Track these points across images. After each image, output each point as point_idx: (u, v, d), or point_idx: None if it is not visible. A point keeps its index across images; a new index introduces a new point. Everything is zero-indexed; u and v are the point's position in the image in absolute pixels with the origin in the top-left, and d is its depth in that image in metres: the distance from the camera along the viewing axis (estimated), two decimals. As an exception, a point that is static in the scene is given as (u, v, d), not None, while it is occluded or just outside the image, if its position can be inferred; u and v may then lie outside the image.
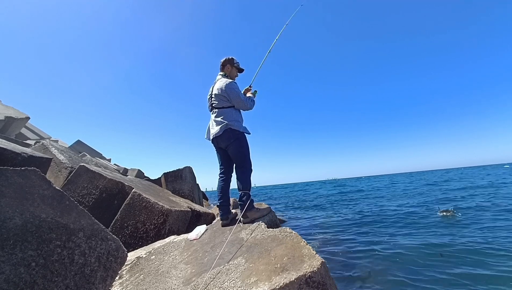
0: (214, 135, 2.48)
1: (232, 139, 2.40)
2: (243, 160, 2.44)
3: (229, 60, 2.63)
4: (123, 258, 1.65)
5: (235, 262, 1.57)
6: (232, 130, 2.40)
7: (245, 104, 2.47)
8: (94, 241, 1.49)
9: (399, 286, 2.87)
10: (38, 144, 4.30)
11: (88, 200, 3.09)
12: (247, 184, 2.41)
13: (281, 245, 1.59)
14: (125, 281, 1.84)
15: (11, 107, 8.10)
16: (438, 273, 3.09)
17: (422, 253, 3.85)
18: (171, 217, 2.82)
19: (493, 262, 3.27)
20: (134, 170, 9.34)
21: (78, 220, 1.46)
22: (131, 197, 2.86)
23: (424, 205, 8.70)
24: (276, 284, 1.20)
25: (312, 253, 1.42)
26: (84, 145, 10.92)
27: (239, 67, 2.70)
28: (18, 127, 7.88)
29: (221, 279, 1.42)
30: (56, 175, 3.73)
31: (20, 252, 1.16)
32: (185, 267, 1.77)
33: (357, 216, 7.83)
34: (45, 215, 1.32)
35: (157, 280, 1.69)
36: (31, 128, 9.55)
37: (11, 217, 1.18)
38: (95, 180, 3.18)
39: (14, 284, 1.10)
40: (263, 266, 1.42)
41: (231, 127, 2.40)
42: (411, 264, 3.46)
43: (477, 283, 2.76)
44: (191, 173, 5.41)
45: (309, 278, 1.22)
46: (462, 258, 3.48)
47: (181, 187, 4.93)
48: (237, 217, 2.48)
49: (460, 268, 3.19)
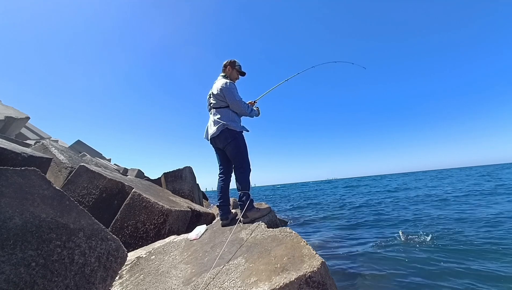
0: (211, 135, 2.50)
1: (230, 139, 2.40)
2: (241, 161, 2.43)
3: (230, 62, 2.65)
4: (123, 258, 1.65)
5: (235, 262, 1.57)
6: (229, 130, 2.41)
7: (239, 105, 2.46)
8: (94, 241, 1.49)
9: (400, 286, 2.87)
10: (38, 144, 4.30)
11: (88, 200, 3.09)
12: (246, 184, 2.41)
13: (281, 245, 1.59)
14: (125, 281, 1.84)
15: (11, 107, 8.10)
16: (443, 276, 3.08)
17: (426, 253, 3.85)
18: (171, 217, 2.82)
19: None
20: (134, 170, 9.34)
21: (78, 220, 1.46)
22: (131, 197, 2.86)
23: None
24: (276, 284, 1.20)
25: (312, 253, 1.41)
26: (84, 145, 10.92)
27: (240, 70, 2.71)
28: (18, 127, 7.88)
29: (221, 279, 1.42)
30: (56, 175, 3.73)
31: (20, 252, 1.16)
32: (185, 267, 1.77)
33: (359, 216, 7.83)
34: (45, 215, 1.31)
35: (157, 280, 1.69)
36: (31, 128, 9.55)
37: (11, 217, 1.18)
38: (95, 180, 3.18)
39: (14, 284, 1.10)
40: (263, 266, 1.41)
41: (228, 127, 2.40)
42: (413, 264, 3.46)
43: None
44: (191, 173, 5.41)
45: (309, 278, 1.22)
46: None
47: (181, 187, 4.94)
48: (237, 217, 2.48)
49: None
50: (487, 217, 5.74)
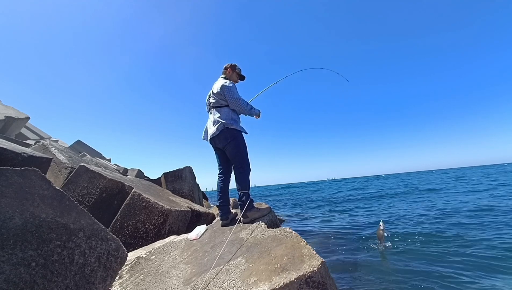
0: (211, 135, 2.50)
1: (229, 139, 2.41)
2: (241, 160, 2.43)
3: (231, 65, 2.71)
4: (123, 258, 1.65)
5: (235, 262, 1.57)
6: (229, 129, 2.41)
7: (238, 102, 2.46)
8: (94, 241, 1.49)
9: (400, 286, 2.87)
10: (38, 144, 4.30)
11: (88, 200, 3.09)
12: (246, 184, 2.41)
13: (281, 245, 1.59)
14: (125, 281, 1.84)
15: (11, 107, 8.10)
16: (442, 273, 3.09)
17: (428, 253, 3.85)
18: (171, 217, 2.82)
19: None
20: (134, 170, 9.33)
21: (78, 220, 1.46)
22: (131, 197, 2.86)
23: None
24: (276, 284, 1.20)
25: (312, 253, 1.42)
26: (84, 145, 10.92)
27: (240, 74, 2.76)
28: (18, 127, 7.88)
29: (221, 279, 1.42)
30: (56, 175, 3.73)
31: (20, 252, 1.16)
32: (185, 267, 1.77)
33: (360, 216, 7.82)
34: (45, 215, 1.31)
35: (157, 280, 1.69)
36: (31, 128, 9.55)
37: (11, 217, 1.18)
38: (95, 180, 3.18)
39: (14, 284, 1.10)
40: (263, 266, 1.42)
41: (228, 127, 2.40)
42: (415, 264, 3.46)
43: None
44: (191, 173, 5.41)
45: (309, 278, 1.22)
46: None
47: (181, 187, 4.93)
48: (237, 217, 2.48)
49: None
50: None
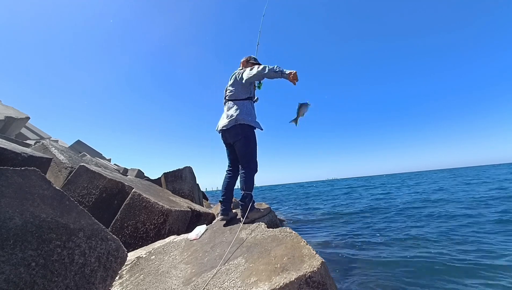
0: (222, 127, 2.43)
1: (240, 136, 2.34)
2: (249, 159, 2.38)
3: (245, 58, 2.71)
4: (123, 258, 1.65)
5: (235, 262, 1.57)
6: (241, 125, 2.34)
7: (254, 68, 2.32)
8: (94, 241, 1.49)
9: (401, 286, 2.87)
10: (38, 144, 4.30)
11: (88, 200, 3.09)
12: (250, 185, 2.38)
13: (281, 245, 1.59)
14: (125, 281, 1.84)
15: (11, 107, 8.11)
16: (441, 277, 3.09)
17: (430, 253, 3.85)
18: (171, 217, 2.82)
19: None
20: (134, 170, 9.34)
21: (78, 220, 1.46)
22: (131, 197, 2.86)
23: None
24: (276, 284, 1.20)
25: (312, 253, 1.41)
26: (84, 145, 10.92)
27: (255, 63, 2.71)
28: (18, 127, 7.88)
29: (221, 279, 1.42)
30: (56, 175, 3.73)
31: (20, 252, 1.16)
32: (185, 267, 1.77)
33: (361, 216, 7.82)
34: (45, 215, 1.31)
35: (157, 280, 1.69)
36: (31, 128, 9.56)
37: (11, 217, 1.18)
38: (95, 180, 3.18)
39: (14, 284, 1.10)
40: (263, 266, 1.42)
41: (240, 123, 2.33)
42: (415, 263, 3.46)
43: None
44: (191, 173, 5.41)
45: (309, 278, 1.22)
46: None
47: (181, 187, 4.93)
48: (237, 217, 2.47)
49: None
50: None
